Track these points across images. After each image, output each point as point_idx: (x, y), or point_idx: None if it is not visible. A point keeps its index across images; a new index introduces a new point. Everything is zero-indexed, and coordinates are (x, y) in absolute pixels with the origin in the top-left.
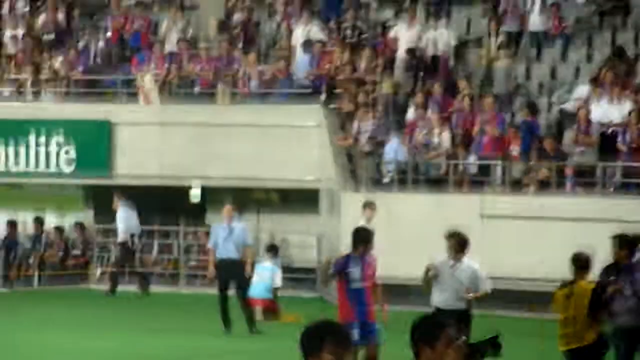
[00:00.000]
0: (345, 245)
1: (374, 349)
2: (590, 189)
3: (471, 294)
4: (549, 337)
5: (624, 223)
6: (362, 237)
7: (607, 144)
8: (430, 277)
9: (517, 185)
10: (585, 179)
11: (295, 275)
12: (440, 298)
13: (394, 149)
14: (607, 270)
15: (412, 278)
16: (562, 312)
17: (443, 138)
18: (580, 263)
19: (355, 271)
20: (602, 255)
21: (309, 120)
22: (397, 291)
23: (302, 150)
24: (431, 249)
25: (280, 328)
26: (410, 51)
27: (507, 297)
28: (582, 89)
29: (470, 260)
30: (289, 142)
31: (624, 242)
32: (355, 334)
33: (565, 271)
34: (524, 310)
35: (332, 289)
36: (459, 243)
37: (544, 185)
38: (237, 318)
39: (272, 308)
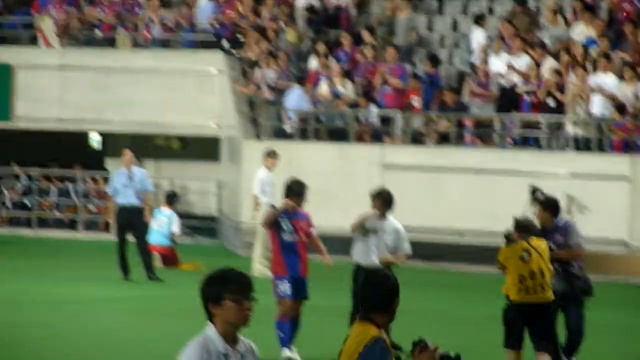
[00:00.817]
0: (245, 193)
1: (300, 303)
2: (489, 141)
3: (390, 259)
4: (450, 288)
5: (522, 176)
6: (295, 191)
7: (506, 97)
8: (363, 226)
9: (417, 137)
10: (485, 131)
11: (195, 223)
12: (361, 255)
13: (296, 99)
14: (527, 229)
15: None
16: (519, 267)
17: (346, 88)
18: (526, 228)
19: (287, 223)
20: (503, 207)
21: (211, 68)
22: None
23: (204, 98)
24: (332, 199)
25: (179, 275)
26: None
27: None
28: (482, 42)
29: (394, 220)
30: (191, 89)
31: (548, 205)
32: (287, 288)
33: (462, 222)
34: (423, 261)
35: (232, 237)
36: (385, 201)
37: (444, 138)
38: (135, 264)
39: (170, 255)
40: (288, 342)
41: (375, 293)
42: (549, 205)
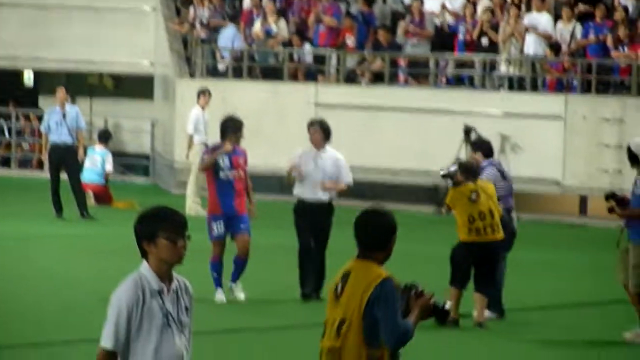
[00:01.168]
0: (179, 132)
1: (245, 241)
2: (424, 80)
3: (330, 186)
4: None
5: (456, 115)
6: (231, 127)
7: (440, 36)
8: (292, 179)
9: (351, 76)
10: (419, 71)
11: (128, 161)
12: (303, 189)
13: (230, 37)
14: (471, 171)
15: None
16: (468, 208)
17: (280, 27)
18: (470, 170)
19: (224, 160)
20: (437, 146)
21: (145, 5)
22: None
23: (138, 35)
24: (267, 138)
25: (112, 213)
26: None
27: None
28: None
29: (333, 150)
30: (124, 27)
31: (479, 147)
32: (219, 227)
33: (397, 161)
34: (357, 200)
35: (165, 176)
36: (322, 130)
37: (377, 77)
38: (68, 203)
39: (103, 193)
40: (220, 282)
41: (374, 232)
42: (480, 147)
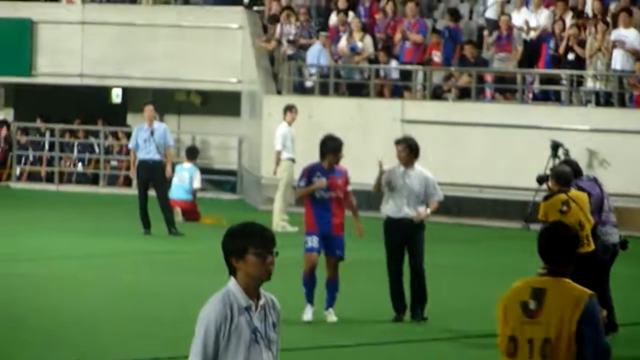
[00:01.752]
0: (266, 148)
1: (335, 263)
2: (510, 96)
3: (424, 216)
4: (471, 242)
5: (542, 129)
6: (330, 147)
7: (527, 52)
8: (382, 182)
9: (438, 92)
10: (505, 86)
11: (216, 177)
12: (391, 206)
13: (316, 54)
14: (565, 180)
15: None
16: (561, 219)
17: (366, 43)
18: (564, 179)
19: (320, 181)
20: (524, 162)
21: (232, 22)
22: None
23: (225, 53)
24: (352, 154)
25: (200, 230)
26: None
27: None
28: None
29: (421, 168)
30: (212, 44)
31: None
32: (313, 241)
33: (484, 176)
34: (444, 216)
35: (253, 192)
36: (410, 148)
37: (464, 93)
38: (156, 219)
39: (191, 210)
40: (310, 298)
41: (562, 247)
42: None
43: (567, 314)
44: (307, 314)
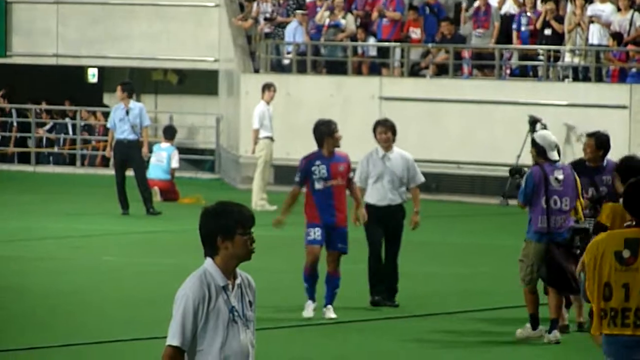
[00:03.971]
0: (244, 127)
1: (336, 257)
2: (488, 72)
3: (418, 220)
4: (450, 218)
5: (519, 105)
6: (325, 131)
7: (504, 28)
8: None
9: (415, 69)
10: (483, 63)
11: (194, 156)
12: (372, 194)
13: (294, 31)
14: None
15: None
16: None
17: (348, 21)
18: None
19: (321, 169)
20: (502, 138)
21: (209, 1)
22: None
23: (202, 31)
24: None
25: (178, 209)
26: None
27: None
28: None
29: (400, 150)
30: (189, 23)
31: (600, 142)
32: (316, 233)
33: (462, 152)
34: (423, 192)
35: (231, 171)
36: (392, 129)
37: (442, 69)
38: (134, 199)
39: (169, 189)
40: (312, 294)
41: None
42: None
43: None
44: (308, 311)
